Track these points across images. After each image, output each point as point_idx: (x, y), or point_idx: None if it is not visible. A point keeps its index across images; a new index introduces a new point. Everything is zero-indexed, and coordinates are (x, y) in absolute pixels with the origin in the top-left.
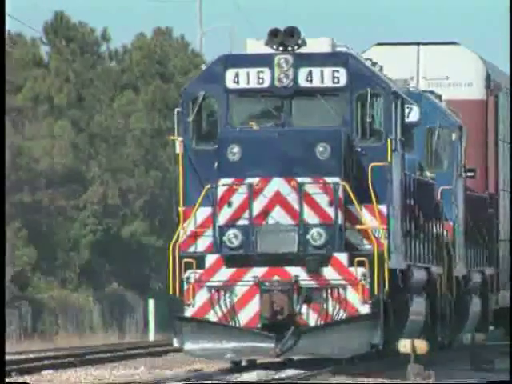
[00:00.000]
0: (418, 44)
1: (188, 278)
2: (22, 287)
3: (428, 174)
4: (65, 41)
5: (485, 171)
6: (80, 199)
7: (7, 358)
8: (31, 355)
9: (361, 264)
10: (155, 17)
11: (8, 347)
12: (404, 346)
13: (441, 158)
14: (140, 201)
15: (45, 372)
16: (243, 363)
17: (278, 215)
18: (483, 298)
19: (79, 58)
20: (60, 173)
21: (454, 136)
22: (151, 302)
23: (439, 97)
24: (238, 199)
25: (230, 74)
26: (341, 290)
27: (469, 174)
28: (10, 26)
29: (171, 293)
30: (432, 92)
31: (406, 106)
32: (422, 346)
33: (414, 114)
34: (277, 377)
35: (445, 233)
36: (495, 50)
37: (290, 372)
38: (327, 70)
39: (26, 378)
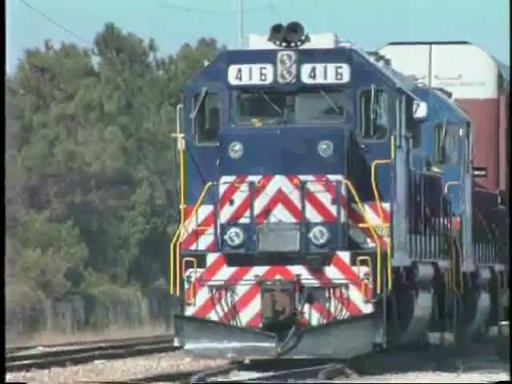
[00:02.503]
0: (431, 43)
1: (189, 277)
2: (75, 283)
3: (435, 169)
4: (115, 51)
5: (496, 169)
6: (129, 200)
7: (62, 348)
8: (84, 346)
9: (363, 263)
10: (199, 28)
11: (62, 339)
12: None
13: (448, 154)
14: None
15: (96, 362)
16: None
17: (280, 213)
18: (492, 294)
19: (128, 68)
20: (110, 175)
21: (461, 132)
22: None
23: (449, 94)
24: (239, 197)
25: (232, 70)
26: (343, 289)
27: (479, 172)
28: (63, 37)
29: (172, 292)
30: (441, 89)
31: (414, 102)
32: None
33: (421, 110)
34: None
35: (452, 228)
36: (504, 49)
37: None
38: (330, 66)
39: (80, 368)
